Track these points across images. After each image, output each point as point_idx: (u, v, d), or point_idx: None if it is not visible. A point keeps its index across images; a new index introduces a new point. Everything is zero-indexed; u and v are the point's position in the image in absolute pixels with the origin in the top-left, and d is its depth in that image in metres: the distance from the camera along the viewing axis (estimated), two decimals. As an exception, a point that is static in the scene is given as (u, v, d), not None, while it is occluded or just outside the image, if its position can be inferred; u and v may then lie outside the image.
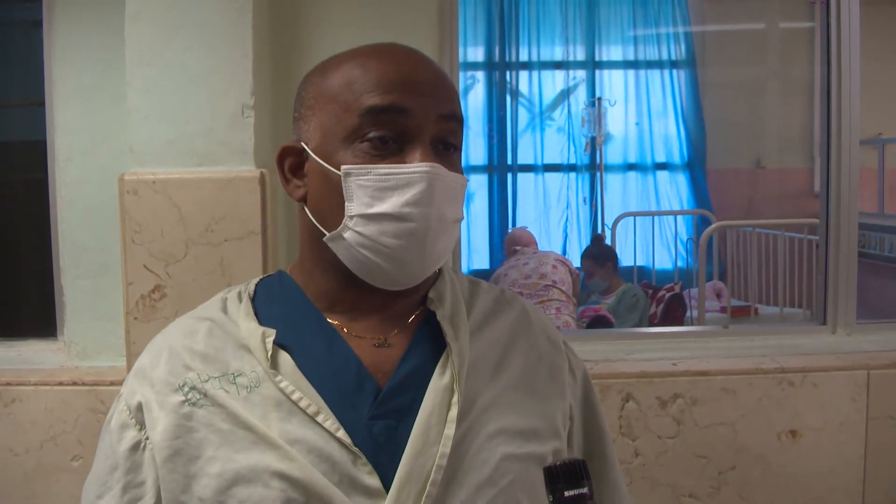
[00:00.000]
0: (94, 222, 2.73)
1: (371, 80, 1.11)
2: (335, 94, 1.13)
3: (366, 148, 1.10)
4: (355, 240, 1.11)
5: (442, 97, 1.14)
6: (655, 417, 2.77)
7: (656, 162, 7.24)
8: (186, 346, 1.16)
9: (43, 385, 2.64)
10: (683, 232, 6.99)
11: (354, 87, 1.12)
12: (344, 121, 1.12)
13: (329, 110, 1.13)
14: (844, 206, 3.04)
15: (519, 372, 1.22)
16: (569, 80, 7.18)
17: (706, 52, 7.19)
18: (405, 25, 2.71)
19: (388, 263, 1.11)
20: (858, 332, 3.06)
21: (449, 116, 1.14)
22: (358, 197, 1.10)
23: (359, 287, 1.16)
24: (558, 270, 4.93)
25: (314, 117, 1.16)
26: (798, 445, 2.81)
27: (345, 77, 1.13)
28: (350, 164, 1.10)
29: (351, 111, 1.11)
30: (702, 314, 4.66)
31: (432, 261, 1.14)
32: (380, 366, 1.15)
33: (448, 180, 1.12)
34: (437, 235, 1.12)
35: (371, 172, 1.09)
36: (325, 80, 1.16)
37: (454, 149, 1.16)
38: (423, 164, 1.09)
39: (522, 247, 5.44)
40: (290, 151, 1.19)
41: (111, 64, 2.64)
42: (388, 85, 1.11)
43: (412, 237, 1.10)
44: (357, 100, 1.11)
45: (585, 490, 0.99)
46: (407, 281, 1.15)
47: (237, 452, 1.08)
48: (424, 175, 1.09)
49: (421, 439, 1.09)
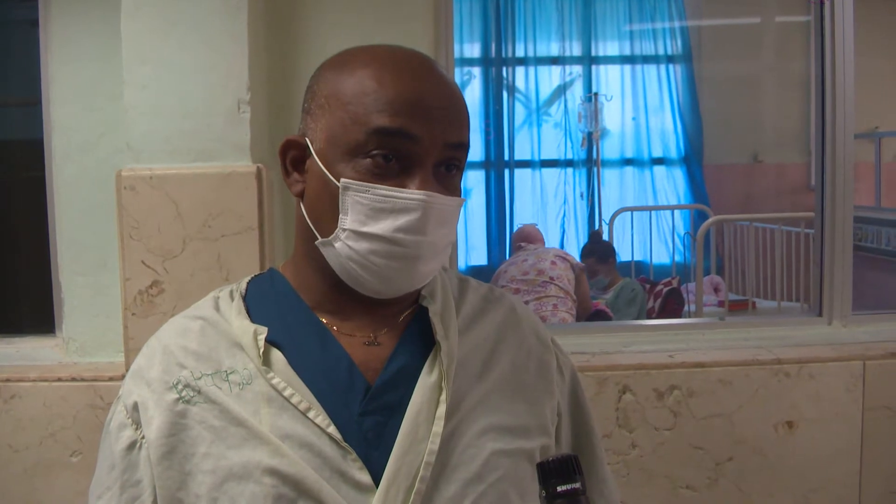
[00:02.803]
0: (92, 219, 2.74)
1: (383, 98, 1.10)
2: (346, 101, 1.12)
3: (368, 165, 1.10)
4: (345, 252, 1.11)
5: (452, 124, 1.13)
6: (652, 409, 2.78)
7: (653, 157, 7.24)
8: (180, 344, 1.17)
9: (42, 381, 2.64)
10: (681, 226, 6.99)
11: (366, 100, 1.10)
12: (350, 133, 1.10)
13: (338, 117, 1.12)
14: (839, 199, 3.05)
15: (507, 369, 1.23)
16: (565, 75, 7.18)
17: (702, 47, 7.19)
18: (401, 22, 2.72)
19: (375, 279, 1.12)
20: (854, 324, 3.07)
21: (456, 145, 1.14)
22: (353, 212, 1.10)
23: (348, 289, 1.16)
24: (557, 266, 4.91)
25: (323, 117, 1.14)
26: (795, 436, 2.82)
27: (359, 85, 1.11)
28: (350, 179, 1.10)
29: (359, 125, 1.10)
30: (699, 308, 4.67)
31: (419, 280, 1.15)
32: (370, 363, 1.15)
33: (443, 207, 1.11)
34: (428, 261, 1.13)
35: (369, 191, 1.09)
36: (339, 81, 1.14)
37: (456, 170, 1.16)
38: (420, 193, 1.09)
39: (528, 243, 5.42)
40: (294, 145, 1.19)
41: (108, 61, 2.65)
42: (400, 106, 1.09)
43: (402, 260, 1.10)
44: (367, 115, 1.09)
45: (578, 485, 0.99)
46: (391, 294, 1.16)
47: (229, 449, 1.09)
48: (420, 203, 1.08)
49: (410, 436, 1.10)
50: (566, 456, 1.00)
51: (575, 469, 1.00)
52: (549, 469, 1.00)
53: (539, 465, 1.01)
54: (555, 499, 0.99)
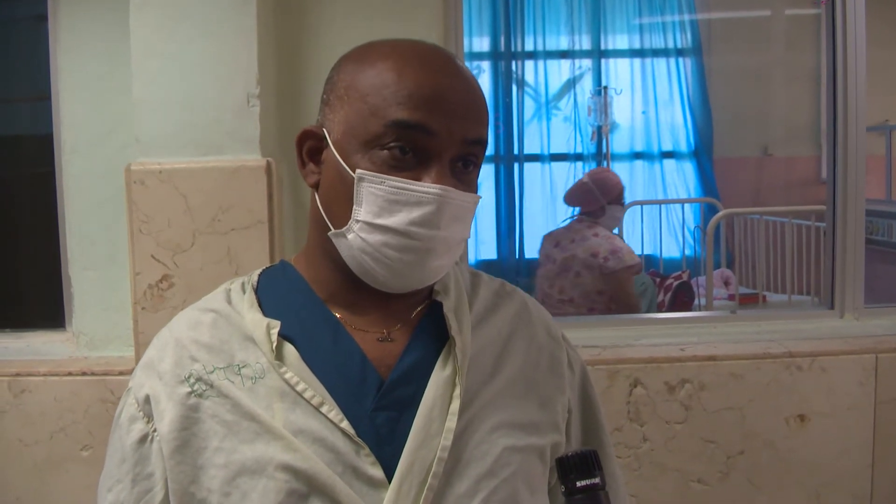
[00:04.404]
0: (102, 213, 2.74)
1: (403, 91, 1.10)
2: (366, 93, 1.12)
3: (384, 157, 1.10)
4: (358, 244, 1.11)
5: (471, 120, 1.13)
6: (663, 403, 2.77)
7: (663, 150, 7.21)
8: (192, 337, 1.17)
9: (52, 376, 2.65)
10: (691, 220, 6.96)
11: (385, 92, 1.10)
12: (368, 125, 1.11)
13: (357, 108, 1.12)
14: (851, 192, 3.04)
15: (519, 365, 1.23)
16: (574, 69, 7.15)
17: (712, 40, 7.15)
18: (411, 14, 2.71)
19: (387, 272, 1.12)
20: (866, 317, 3.06)
21: (474, 142, 1.13)
22: (367, 203, 1.10)
23: (361, 283, 1.16)
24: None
25: (341, 109, 1.14)
26: (806, 430, 2.81)
27: (379, 78, 1.12)
28: (366, 170, 1.10)
29: (377, 117, 1.10)
30: (709, 302, 4.65)
31: (431, 276, 1.15)
32: (383, 359, 1.15)
33: (458, 202, 1.11)
34: (440, 256, 1.13)
35: (385, 183, 1.09)
36: (359, 73, 1.14)
37: (473, 166, 1.16)
38: (435, 186, 1.09)
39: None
40: (311, 135, 1.19)
41: (116, 55, 2.65)
42: (420, 100, 1.09)
43: (414, 254, 1.10)
44: (386, 108, 1.10)
45: (597, 480, 1.00)
46: (402, 289, 1.16)
47: (242, 443, 1.09)
48: (435, 197, 1.09)
49: (423, 431, 1.10)
50: (586, 451, 1.01)
51: (595, 464, 1.00)
52: (569, 464, 1.00)
53: (558, 461, 1.01)
54: (574, 494, 0.99)
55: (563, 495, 1.00)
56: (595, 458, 1.00)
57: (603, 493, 0.99)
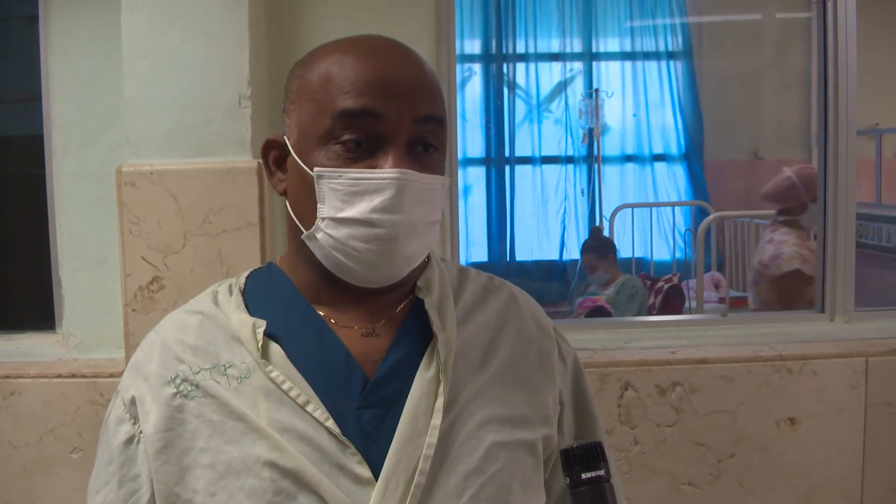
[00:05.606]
0: (92, 214, 2.73)
1: (346, 81, 1.10)
2: (313, 91, 1.13)
3: (339, 150, 1.10)
4: (327, 241, 1.11)
5: (419, 99, 1.12)
6: (654, 405, 2.77)
7: (654, 153, 7.22)
8: (178, 339, 1.16)
9: (42, 377, 2.64)
10: (681, 223, 6.98)
11: (330, 86, 1.11)
12: (319, 122, 1.11)
13: (307, 108, 1.13)
14: (842, 195, 3.05)
15: (507, 359, 1.22)
16: (566, 71, 7.16)
17: (703, 44, 7.17)
18: (402, 17, 2.72)
19: (359, 266, 1.12)
20: (857, 320, 3.07)
21: (426, 119, 1.13)
22: (329, 200, 1.10)
23: (341, 281, 1.16)
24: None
25: (295, 112, 1.16)
26: (797, 433, 2.81)
27: (323, 74, 1.13)
28: (323, 167, 1.10)
29: (325, 112, 1.10)
30: (700, 305, 4.66)
31: (404, 264, 1.14)
32: (368, 355, 1.15)
33: (420, 184, 1.11)
34: (408, 240, 1.12)
35: (342, 176, 1.09)
36: (306, 75, 1.15)
37: (434, 149, 1.15)
38: (392, 171, 1.08)
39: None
40: (274, 144, 1.20)
41: (108, 56, 2.65)
42: (363, 86, 1.10)
43: (381, 242, 1.10)
44: (331, 101, 1.10)
45: (602, 472, 1.00)
46: (379, 281, 1.15)
47: (228, 443, 1.09)
48: (393, 181, 1.08)
49: (408, 429, 1.10)
50: (590, 443, 1.01)
51: (599, 456, 1.00)
52: (574, 456, 1.00)
53: (563, 452, 1.01)
54: (579, 486, 0.99)
55: (568, 487, 1.00)
56: (600, 450, 1.00)
57: (608, 485, 0.99)
